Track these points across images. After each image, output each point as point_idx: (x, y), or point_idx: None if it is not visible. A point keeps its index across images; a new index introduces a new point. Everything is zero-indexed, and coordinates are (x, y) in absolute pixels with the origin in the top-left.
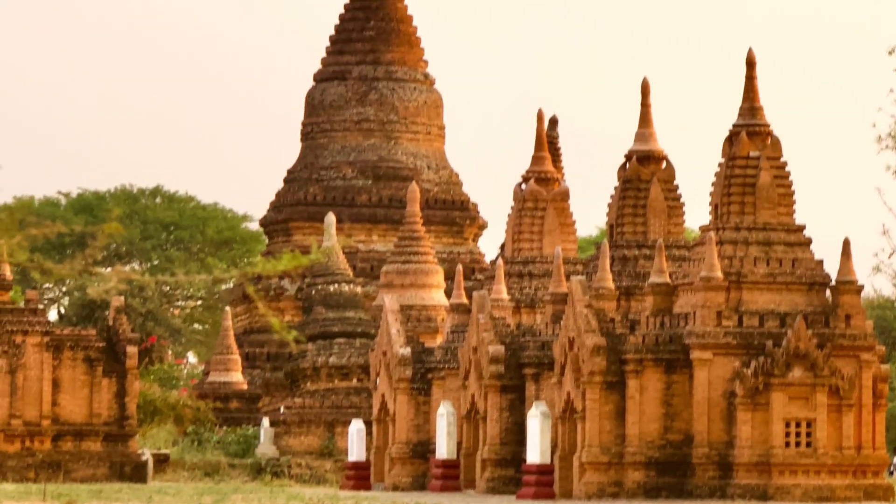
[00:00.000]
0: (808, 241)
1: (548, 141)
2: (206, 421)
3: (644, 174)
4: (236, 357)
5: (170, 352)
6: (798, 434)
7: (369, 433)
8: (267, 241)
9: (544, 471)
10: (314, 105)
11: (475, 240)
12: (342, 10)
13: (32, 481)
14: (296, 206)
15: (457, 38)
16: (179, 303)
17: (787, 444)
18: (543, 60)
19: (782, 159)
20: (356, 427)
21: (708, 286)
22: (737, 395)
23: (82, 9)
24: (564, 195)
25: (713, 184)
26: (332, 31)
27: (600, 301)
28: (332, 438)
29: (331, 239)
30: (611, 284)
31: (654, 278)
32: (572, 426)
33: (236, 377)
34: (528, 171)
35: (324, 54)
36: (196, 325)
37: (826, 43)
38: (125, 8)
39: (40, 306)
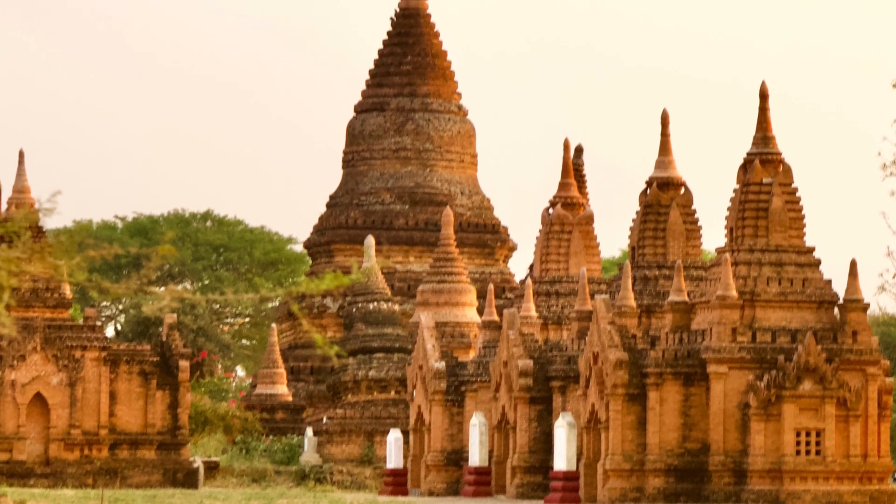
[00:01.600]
0: (818, 262)
1: (573, 168)
2: (254, 430)
3: (664, 199)
4: (282, 371)
5: (219, 366)
6: (808, 443)
7: (406, 442)
8: (310, 262)
9: (570, 477)
10: (355, 135)
11: (505, 261)
12: (381, 46)
13: (91, 487)
14: (337, 230)
15: (489, 72)
16: (228, 320)
17: (798, 453)
18: (569, 93)
19: (793, 185)
20: (394, 436)
21: (723, 304)
22: (750, 407)
23: (138, 42)
24: (589, 219)
25: (728, 208)
26: (372, 66)
27: (623, 318)
28: (372, 447)
29: (370, 260)
30: (633, 303)
31: (673, 297)
32: (596, 435)
33: (282, 389)
34: (555, 197)
35: (364, 87)
36: (244, 341)
37: (834, 77)
38: (179, 43)
39: (98, 323)
